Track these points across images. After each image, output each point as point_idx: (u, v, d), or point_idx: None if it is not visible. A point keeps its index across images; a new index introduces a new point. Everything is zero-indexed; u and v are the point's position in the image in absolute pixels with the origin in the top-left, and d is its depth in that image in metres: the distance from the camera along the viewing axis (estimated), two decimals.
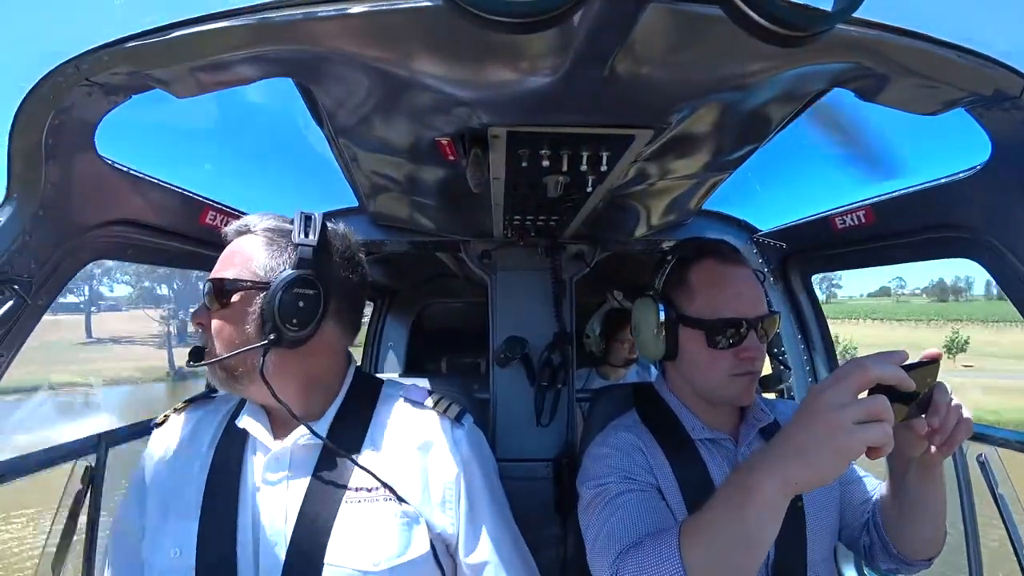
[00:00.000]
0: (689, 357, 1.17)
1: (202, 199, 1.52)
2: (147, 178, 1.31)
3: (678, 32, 0.73)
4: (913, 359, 0.81)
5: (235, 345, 0.96)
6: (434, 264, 2.76)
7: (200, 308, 1.01)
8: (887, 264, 1.66)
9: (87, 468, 1.42)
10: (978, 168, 1.15)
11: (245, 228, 1.04)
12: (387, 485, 0.98)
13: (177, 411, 1.16)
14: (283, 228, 1.02)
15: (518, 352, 1.88)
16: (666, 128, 0.98)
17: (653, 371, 3.10)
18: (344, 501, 0.98)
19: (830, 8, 0.53)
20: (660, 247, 2.03)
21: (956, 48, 0.81)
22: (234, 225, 1.06)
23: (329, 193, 1.83)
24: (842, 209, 1.63)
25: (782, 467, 0.76)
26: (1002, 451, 1.44)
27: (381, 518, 0.98)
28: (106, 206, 1.22)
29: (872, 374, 0.74)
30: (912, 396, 0.81)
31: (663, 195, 1.52)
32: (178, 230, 1.46)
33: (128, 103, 0.97)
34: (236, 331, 0.97)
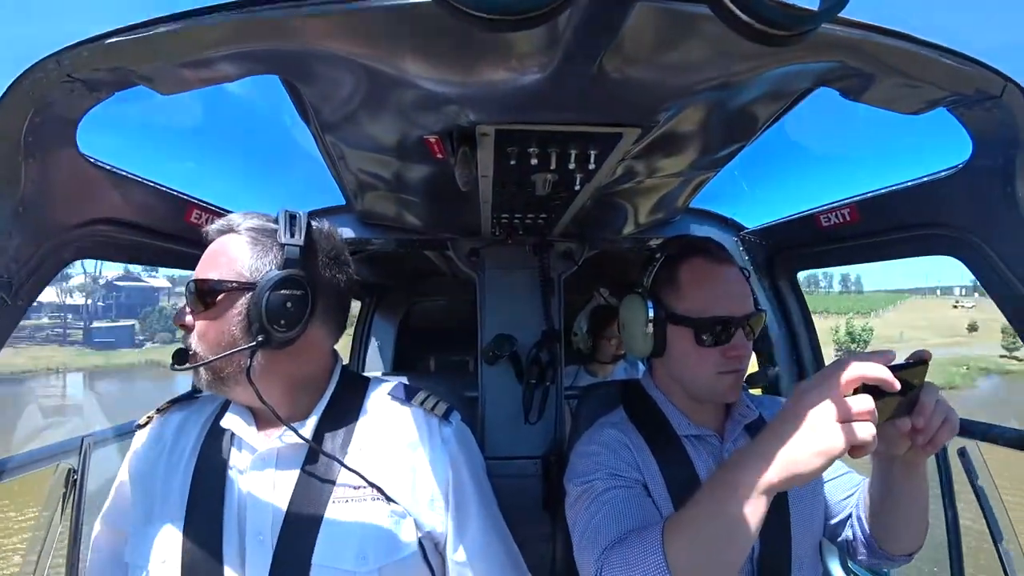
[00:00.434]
0: (677, 354, 1.17)
1: (187, 197, 1.49)
2: (130, 176, 1.28)
3: (666, 30, 0.73)
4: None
5: (221, 347, 0.95)
6: (422, 262, 2.76)
7: (182, 310, 1.00)
8: (871, 261, 1.68)
9: (69, 470, 1.40)
10: (959, 167, 1.17)
11: (228, 227, 1.02)
12: (374, 484, 0.98)
13: (160, 412, 1.14)
14: (268, 228, 1.01)
15: (506, 350, 1.88)
16: (654, 126, 0.98)
17: (641, 367, 3.11)
18: (331, 501, 0.97)
19: (816, 8, 0.53)
20: (648, 245, 2.04)
21: (939, 48, 0.82)
22: (216, 224, 1.04)
23: (316, 191, 1.82)
24: (827, 207, 1.64)
25: (766, 464, 0.78)
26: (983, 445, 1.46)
27: (369, 518, 0.97)
28: (88, 205, 1.19)
29: (857, 374, 0.75)
30: (898, 396, 0.81)
31: (651, 193, 1.53)
32: (163, 229, 1.44)
33: (111, 100, 0.94)
34: (222, 333, 0.95)
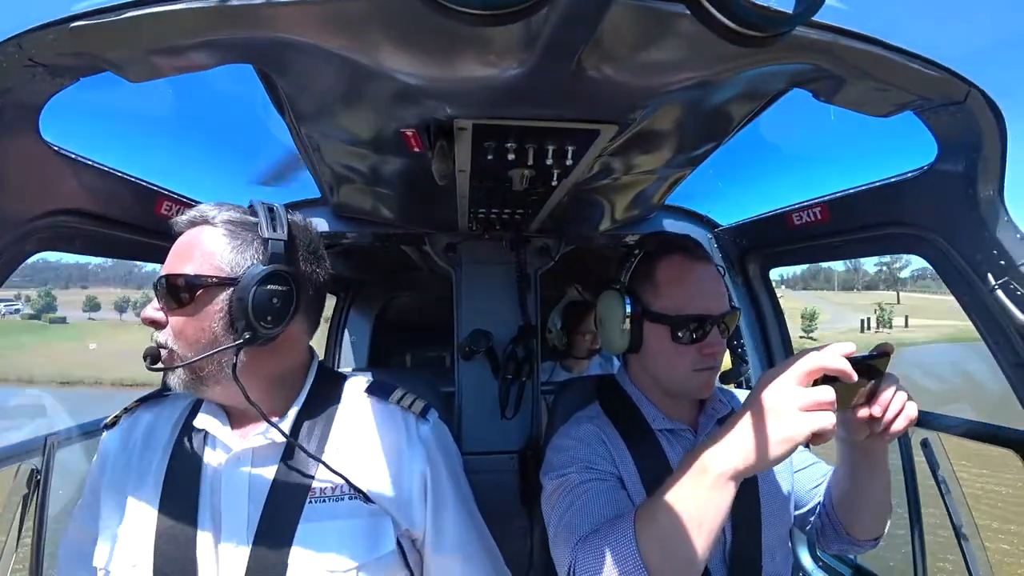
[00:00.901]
0: (653, 351, 1.19)
1: (157, 188, 1.45)
2: (97, 165, 1.24)
3: (644, 28, 0.73)
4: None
5: (202, 344, 0.91)
6: (398, 257, 2.73)
7: (150, 306, 0.94)
8: (840, 259, 1.72)
9: (32, 471, 1.35)
10: (925, 169, 1.20)
11: (201, 219, 0.97)
12: (352, 483, 0.97)
13: (128, 411, 1.10)
14: (247, 220, 0.97)
15: (483, 345, 1.88)
16: (631, 124, 0.99)
17: (616, 362, 3.14)
18: (308, 500, 0.96)
19: (791, 11, 0.54)
20: (624, 241, 2.06)
21: (907, 54, 0.85)
22: (187, 215, 0.98)
23: (290, 183, 1.79)
24: (798, 206, 1.68)
25: (731, 450, 0.82)
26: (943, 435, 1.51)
27: (346, 517, 0.96)
28: (51, 195, 1.15)
29: (817, 364, 0.79)
30: (858, 386, 0.86)
31: (627, 190, 1.54)
32: (132, 221, 1.39)
33: (76, 85, 0.90)
34: (201, 330, 0.91)
